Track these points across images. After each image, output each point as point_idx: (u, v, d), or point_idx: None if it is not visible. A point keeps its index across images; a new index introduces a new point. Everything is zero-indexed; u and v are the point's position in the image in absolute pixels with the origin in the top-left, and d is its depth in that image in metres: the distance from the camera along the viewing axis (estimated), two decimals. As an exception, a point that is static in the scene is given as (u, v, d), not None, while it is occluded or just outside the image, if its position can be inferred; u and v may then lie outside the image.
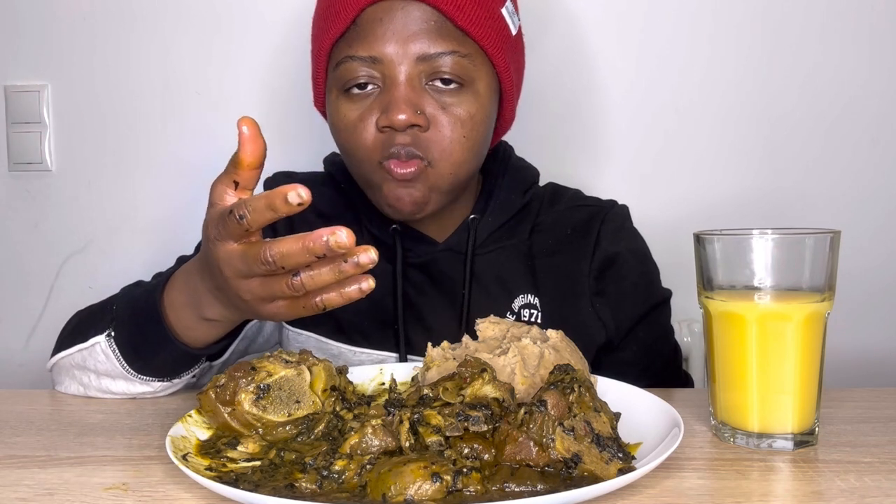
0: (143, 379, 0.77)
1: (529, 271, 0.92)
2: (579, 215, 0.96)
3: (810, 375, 0.62)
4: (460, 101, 0.82)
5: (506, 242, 0.93)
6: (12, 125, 1.31)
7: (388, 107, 0.80)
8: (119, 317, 0.77)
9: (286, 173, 1.01)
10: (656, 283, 0.97)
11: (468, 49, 0.82)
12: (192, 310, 0.71)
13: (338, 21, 0.82)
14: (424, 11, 0.80)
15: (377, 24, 0.80)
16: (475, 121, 0.83)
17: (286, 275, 0.57)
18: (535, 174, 0.99)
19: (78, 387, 0.81)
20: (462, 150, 0.83)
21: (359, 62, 0.81)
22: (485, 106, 0.84)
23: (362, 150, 0.83)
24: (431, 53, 0.80)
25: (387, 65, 0.80)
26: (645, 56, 1.26)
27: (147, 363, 0.76)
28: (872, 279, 1.26)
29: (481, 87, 0.84)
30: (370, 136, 0.82)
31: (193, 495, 0.54)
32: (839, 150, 1.26)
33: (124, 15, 1.29)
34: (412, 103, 0.80)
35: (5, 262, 1.34)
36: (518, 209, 0.94)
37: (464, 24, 0.81)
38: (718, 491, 0.54)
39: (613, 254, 0.93)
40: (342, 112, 0.84)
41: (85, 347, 0.78)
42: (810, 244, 0.61)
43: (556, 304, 0.90)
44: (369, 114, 0.82)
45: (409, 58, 0.80)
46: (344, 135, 0.85)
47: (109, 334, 0.77)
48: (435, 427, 0.55)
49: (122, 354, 0.76)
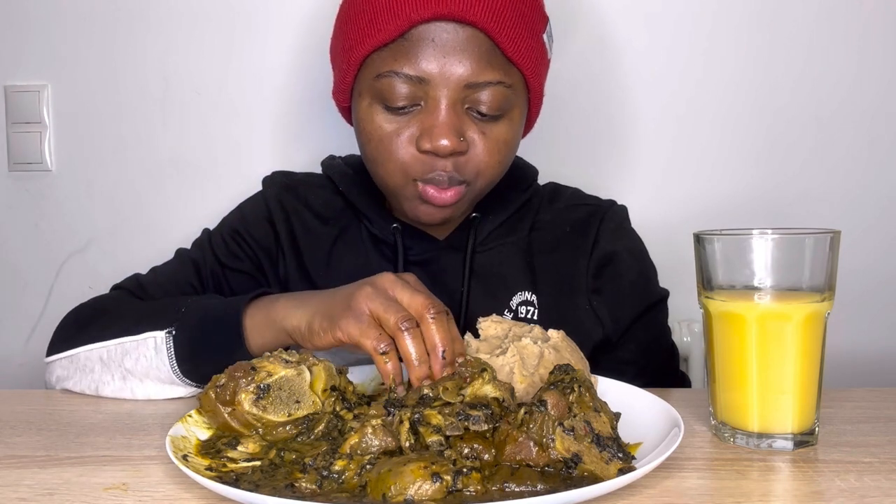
0: (185, 382, 0.77)
1: (528, 269, 0.92)
2: (578, 214, 0.96)
3: (810, 375, 0.62)
4: (497, 128, 0.83)
5: (505, 240, 0.93)
6: (12, 125, 1.31)
7: (431, 131, 0.79)
8: (186, 318, 0.77)
9: (284, 173, 1.01)
10: (654, 282, 0.97)
11: (512, 79, 0.82)
12: (283, 314, 0.72)
13: (385, 30, 0.79)
14: (477, 37, 0.79)
15: (428, 43, 0.79)
16: (510, 146, 0.85)
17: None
18: (534, 172, 0.99)
19: (89, 384, 0.80)
20: (496, 172, 0.85)
21: (403, 79, 0.80)
22: (518, 131, 0.87)
23: (395, 165, 0.83)
24: (480, 83, 0.80)
25: (432, 86, 0.79)
26: (644, 57, 1.26)
27: (199, 367, 0.76)
28: (873, 279, 1.26)
29: (516, 114, 0.85)
30: (407, 154, 0.82)
31: (193, 495, 0.54)
32: (839, 150, 1.26)
33: (124, 15, 1.29)
34: (456, 129, 0.80)
35: (5, 262, 1.34)
36: (518, 207, 0.94)
37: (512, 55, 0.81)
38: (718, 491, 0.54)
39: (611, 252, 0.93)
40: (377, 122, 0.83)
41: (131, 340, 0.78)
42: (810, 244, 0.61)
43: (553, 302, 0.91)
44: (406, 129, 0.81)
45: (457, 82, 0.79)
46: (376, 144, 0.84)
47: (170, 332, 0.76)
48: (435, 427, 0.55)
49: (176, 353, 0.76)
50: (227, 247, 0.95)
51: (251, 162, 1.29)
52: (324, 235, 0.94)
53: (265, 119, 1.29)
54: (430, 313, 0.64)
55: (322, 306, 0.70)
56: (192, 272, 0.94)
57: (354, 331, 0.65)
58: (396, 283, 0.67)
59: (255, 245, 0.95)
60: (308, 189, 0.98)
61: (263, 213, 0.96)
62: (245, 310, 0.75)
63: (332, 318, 0.67)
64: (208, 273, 0.94)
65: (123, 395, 0.79)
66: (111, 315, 0.83)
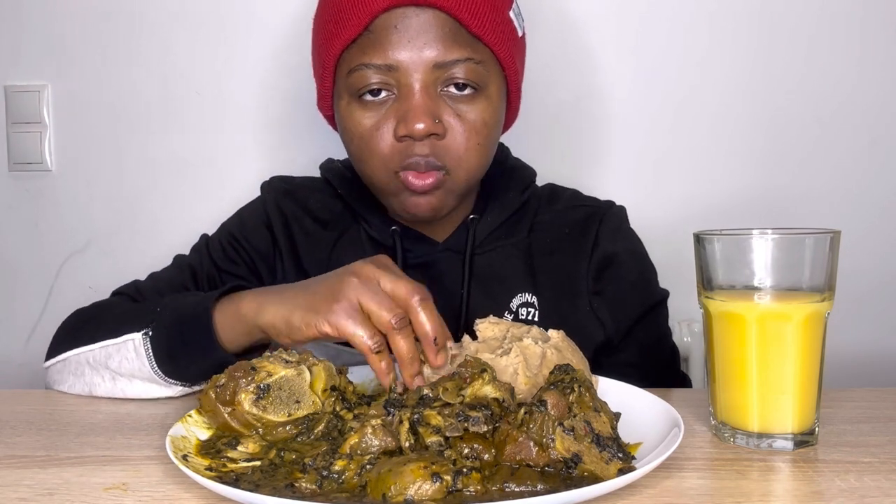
0: (167, 382, 0.77)
1: (528, 270, 0.92)
2: (577, 215, 0.96)
3: (810, 375, 0.62)
4: (474, 108, 0.83)
5: (505, 241, 0.93)
6: (12, 125, 1.31)
7: (405, 116, 0.80)
8: (161, 318, 0.77)
9: (282, 178, 1.02)
10: (654, 283, 0.97)
11: (481, 55, 0.82)
12: (254, 310, 0.72)
13: (349, 27, 0.81)
14: (438, 18, 0.80)
15: (391, 31, 0.80)
16: (489, 127, 0.84)
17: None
18: (532, 174, 0.99)
19: (83, 387, 0.81)
20: (477, 156, 0.84)
21: (373, 70, 0.81)
22: (497, 110, 0.86)
23: (378, 159, 0.83)
24: (447, 61, 0.80)
25: (402, 72, 0.80)
26: (644, 56, 1.26)
27: (178, 367, 0.76)
28: (873, 279, 1.26)
29: (493, 91, 0.84)
30: (387, 145, 0.82)
31: (193, 495, 0.54)
32: (839, 150, 1.26)
33: (124, 15, 1.29)
34: (430, 112, 0.80)
35: (5, 262, 1.34)
36: (517, 208, 0.94)
37: (477, 31, 0.81)
38: (718, 491, 0.54)
39: (612, 254, 0.93)
40: (356, 119, 0.84)
41: (112, 344, 0.78)
42: (810, 244, 0.61)
43: (553, 303, 0.91)
44: (385, 122, 0.82)
45: (425, 65, 0.80)
46: (358, 142, 0.84)
47: (147, 333, 0.76)
48: (435, 427, 0.55)
49: (154, 355, 0.76)
50: (223, 251, 0.95)
51: (251, 162, 1.29)
52: (323, 239, 0.95)
53: (265, 120, 1.29)
54: (416, 300, 0.65)
55: (301, 300, 0.69)
56: (189, 276, 0.94)
57: (346, 326, 0.65)
58: (378, 272, 0.67)
59: (251, 250, 0.95)
60: (307, 193, 0.98)
61: (262, 219, 0.97)
62: (214, 306, 0.74)
63: (315, 311, 0.67)
64: (204, 277, 0.94)
65: (116, 395, 0.79)
66: (98, 318, 0.84)
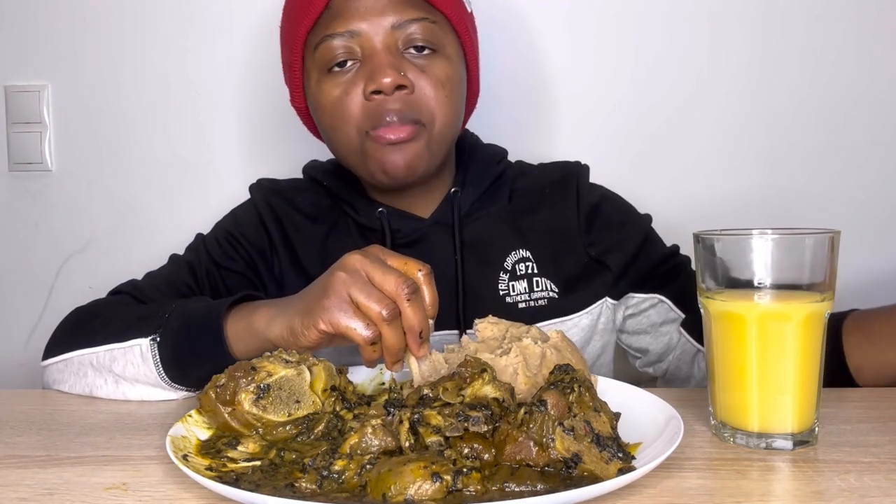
0: (173, 387, 0.77)
1: (516, 230, 0.96)
2: (553, 175, 1.02)
3: (810, 375, 0.62)
4: (436, 64, 0.88)
5: (489, 209, 0.97)
6: (12, 125, 1.31)
7: (372, 73, 0.85)
8: (169, 324, 0.77)
9: (269, 180, 1.04)
10: (636, 212, 1.03)
11: (435, 17, 0.89)
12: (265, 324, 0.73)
13: (311, 8, 0.87)
14: None
15: (350, 2, 0.86)
16: (452, 81, 0.89)
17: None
18: (503, 150, 1.04)
19: (84, 387, 0.81)
20: (447, 108, 0.89)
21: (338, 38, 0.86)
22: (457, 69, 0.91)
23: (350, 122, 0.87)
24: (404, 20, 0.86)
25: (364, 37, 0.86)
26: (645, 55, 1.26)
27: (186, 373, 0.76)
28: (872, 279, 1.26)
29: (451, 52, 0.90)
30: (357, 107, 0.87)
31: (193, 495, 0.54)
32: (839, 151, 1.26)
33: (124, 15, 1.29)
34: (394, 66, 0.85)
35: (5, 262, 1.34)
36: (494, 178, 0.99)
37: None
38: (718, 491, 0.54)
39: (594, 204, 0.99)
40: (325, 91, 0.88)
41: (118, 347, 0.78)
42: (810, 244, 0.61)
43: (548, 256, 0.95)
44: (353, 86, 0.87)
45: (385, 27, 0.86)
46: (331, 111, 0.88)
47: (154, 339, 0.77)
48: (435, 427, 0.55)
49: (161, 360, 0.76)
50: (221, 248, 0.97)
51: (251, 162, 1.29)
52: (314, 233, 0.97)
53: (265, 120, 1.29)
54: (405, 293, 0.65)
55: (298, 307, 0.70)
56: (188, 273, 0.94)
57: (340, 320, 0.66)
58: (366, 263, 0.67)
59: (248, 246, 0.97)
60: (294, 192, 1.01)
61: (255, 217, 0.99)
62: (226, 316, 0.75)
63: (310, 312, 0.67)
64: (203, 274, 0.95)
65: (117, 397, 0.80)
66: (102, 319, 0.84)
